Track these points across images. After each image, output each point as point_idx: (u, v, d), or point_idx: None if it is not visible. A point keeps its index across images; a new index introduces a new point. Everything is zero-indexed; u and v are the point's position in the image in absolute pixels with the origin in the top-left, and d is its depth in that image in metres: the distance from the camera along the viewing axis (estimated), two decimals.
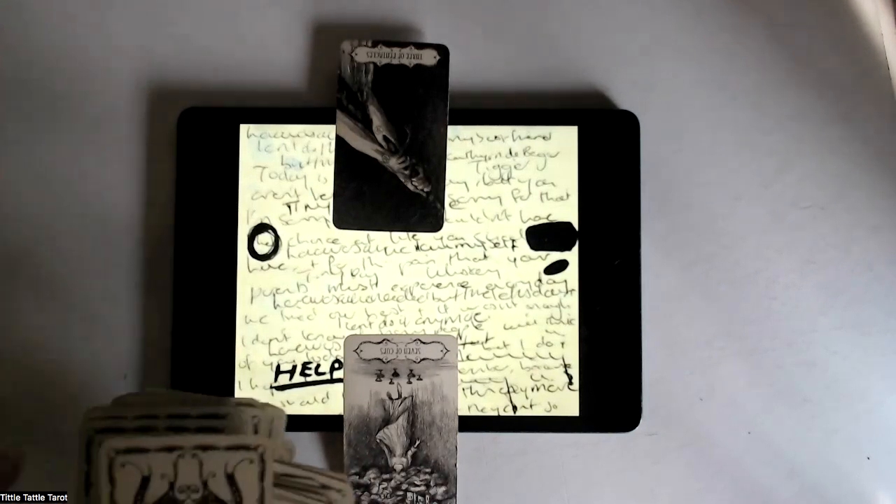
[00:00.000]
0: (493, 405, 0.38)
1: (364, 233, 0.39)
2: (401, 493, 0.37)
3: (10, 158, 0.40)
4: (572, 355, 0.38)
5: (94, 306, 0.39)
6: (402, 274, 0.39)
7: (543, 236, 0.39)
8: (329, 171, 0.39)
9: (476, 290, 0.39)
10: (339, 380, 0.38)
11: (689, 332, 0.39)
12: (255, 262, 0.39)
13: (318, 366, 0.38)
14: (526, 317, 0.39)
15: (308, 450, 0.39)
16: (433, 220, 0.39)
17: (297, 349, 0.38)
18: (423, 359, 0.37)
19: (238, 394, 0.38)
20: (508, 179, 0.39)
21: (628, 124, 0.39)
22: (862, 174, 0.40)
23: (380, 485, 0.36)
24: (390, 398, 0.37)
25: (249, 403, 0.29)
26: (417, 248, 0.39)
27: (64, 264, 0.39)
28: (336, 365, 0.38)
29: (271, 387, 0.38)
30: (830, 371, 0.39)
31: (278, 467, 0.27)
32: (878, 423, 0.39)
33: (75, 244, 0.39)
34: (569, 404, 0.38)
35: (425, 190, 0.38)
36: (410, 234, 0.39)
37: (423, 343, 0.37)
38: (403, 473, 0.37)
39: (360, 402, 0.36)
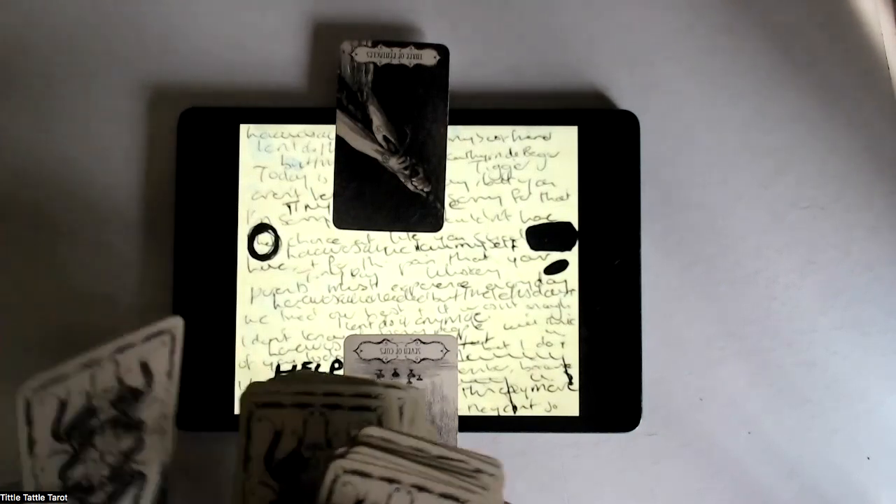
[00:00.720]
0: (493, 405, 0.38)
1: (364, 233, 0.39)
2: None
3: (10, 158, 0.40)
4: (572, 355, 0.38)
5: (95, 306, 0.39)
6: (402, 274, 0.39)
7: (543, 236, 0.39)
8: (329, 171, 0.39)
9: (476, 290, 0.39)
10: None
11: (689, 332, 0.39)
12: (255, 262, 0.39)
13: (318, 366, 0.38)
14: (526, 317, 0.39)
15: None
16: (433, 220, 0.39)
17: (297, 349, 0.38)
18: (423, 359, 0.37)
19: (238, 394, 0.38)
20: (508, 179, 0.39)
21: (628, 124, 0.39)
22: (862, 174, 0.40)
23: None
24: None
25: (395, 386, 0.30)
26: (417, 248, 0.39)
27: (64, 264, 0.39)
28: (336, 365, 0.38)
29: None
30: (830, 371, 0.39)
31: (434, 449, 0.27)
32: (878, 423, 0.39)
33: (76, 244, 0.39)
34: (569, 404, 0.38)
35: (425, 190, 0.38)
36: (410, 234, 0.39)
37: (423, 343, 0.37)
38: None
39: None
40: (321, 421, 0.29)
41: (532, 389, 0.38)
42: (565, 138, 0.39)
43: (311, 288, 0.39)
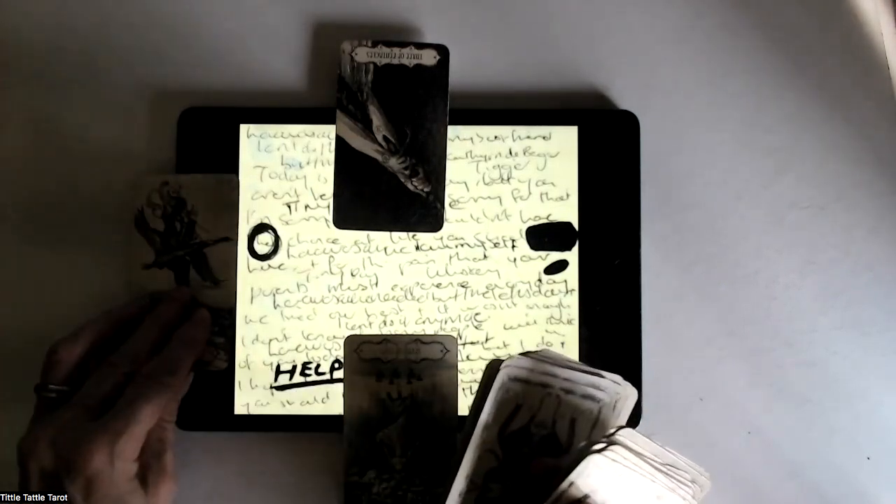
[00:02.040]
0: None
1: (364, 233, 0.39)
2: (401, 493, 0.37)
3: (10, 157, 0.40)
4: (572, 355, 0.38)
5: (95, 305, 0.39)
6: (402, 274, 0.39)
7: (543, 236, 0.39)
8: (329, 171, 0.39)
9: (476, 290, 0.39)
10: (339, 380, 0.38)
11: (689, 332, 0.39)
12: (255, 262, 0.39)
13: (318, 366, 0.38)
14: (526, 317, 0.39)
15: (308, 450, 0.39)
16: (433, 220, 0.39)
17: (297, 349, 0.38)
18: (423, 359, 0.37)
19: (238, 394, 0.38)
20: (508, 179, 0.39)
21: (628, 124, 0.39)
22: (862, 174, 0.40)
23: (380, 485, 0.36)
24: (390, 398, 0.36)
25: (615, 381, 0.32)
26: (417, 248, 0.39)
27: (65, 264, 0.39)
28: (336, 365, 0.38)
29: (271, 387, 0.38)
30: (830, 371, 0.39)
31: (666, 457, 0.30)
32: (878, 423, 0.39)
33: (76, 244, 0.39)
34: None
35: (425, 190, 0.38)
36: (410, 234, 0.39)
37: (423, 343, 0.37)
38: (403, 473, 0.37)
39: (360, 402, 0.36)
40: (554, 403, 0.32)
41: None
42: (565, 138, 0.39)
43: (311, 288, 0.39)
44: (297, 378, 0.38)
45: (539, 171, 0.39)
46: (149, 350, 0.35)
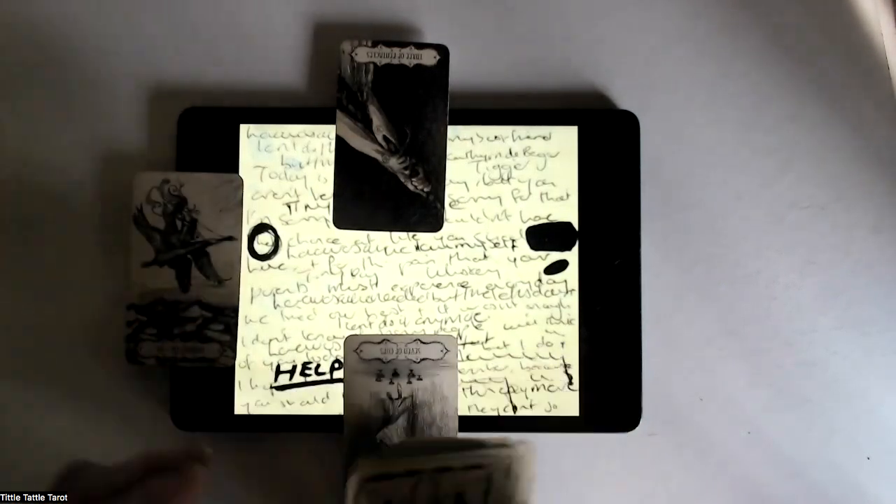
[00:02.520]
0: (493, 405, 0.38)
1: (364, 233, 0.39)
2: None
3: (9, 158, 0.40)
4: (572, 355, 0.38)
5: (94, 307, 0.39)
6: (402, 274, 0.39)
7: (543, 236, 0.39)
8: (329, 171, 0.39)
9: (476, 290, 0.39)
10: (339, 380, 0.38)
11: (689, 332, 0.39)
12: (255, 262, 0.39)
13: (318, 366, 0.38)
14: (526, 317, 0.39)
15: (308, 450, 0.39)
16: (433, 220, 0.39)
17: (297, 349, 0.38)
18: (423, 359, 0.37)
19: (238, 394, 0.38)
20: (508, 179, 0.39)
21: (628, 124, 0.39)
22: (862, 174, 0.40)
23: None
24: (390, 398, 0.36)
25: (503, 444, 0.30)
26: (417, 248, 0.39)
27: (63, 266, 0.39)
28: (336, 365, 0.38)
29: (271, 387, 0.38)
30: (830, 371, 0.39)
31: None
32: (878, 423, 0.39)
33: (75, 245, 0.39)
34: (569, 404, 0.38)
35: (425, 190, 0.38)
36: (410, 234, 0.39)
37: (423, 343, 0.37)
38: None
39: (360, 402, 0.36)
40: (430, 486, 0.30)
41: (532, 389, 0.38)
42: (565, 138, 0.39)
43: (311, 288, 0.39)
44: (297, 378, 0.38)
45: (539, 171, 0.39)
46: None
